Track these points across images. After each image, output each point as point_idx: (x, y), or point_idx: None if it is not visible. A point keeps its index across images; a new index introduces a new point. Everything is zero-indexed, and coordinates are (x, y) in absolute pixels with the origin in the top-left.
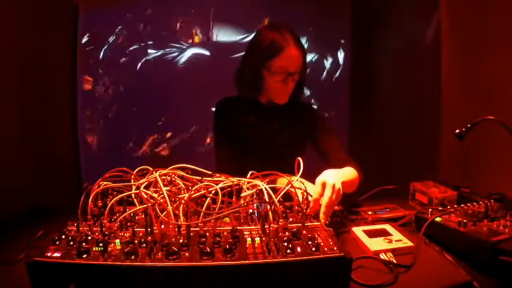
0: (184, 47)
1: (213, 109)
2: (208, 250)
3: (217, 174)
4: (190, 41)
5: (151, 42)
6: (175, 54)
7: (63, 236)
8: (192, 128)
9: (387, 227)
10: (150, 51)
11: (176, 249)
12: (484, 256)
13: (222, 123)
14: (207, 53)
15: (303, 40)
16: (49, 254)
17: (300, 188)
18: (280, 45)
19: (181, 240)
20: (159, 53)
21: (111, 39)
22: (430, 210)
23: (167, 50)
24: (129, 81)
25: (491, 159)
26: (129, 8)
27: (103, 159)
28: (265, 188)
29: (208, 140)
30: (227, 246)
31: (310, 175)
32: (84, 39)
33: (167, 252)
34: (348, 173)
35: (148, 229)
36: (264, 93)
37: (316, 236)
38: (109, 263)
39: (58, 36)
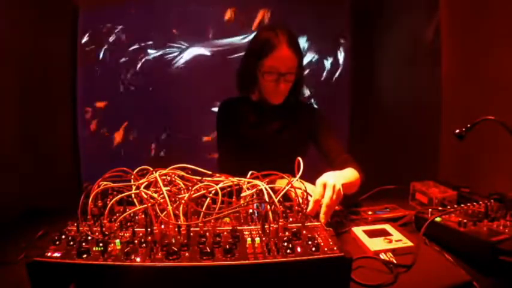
0: (184, 46)
1: (215, 109)
2: (208, 250)
3: (217, 174)
4: (190, 40)
5: (151, 42)
6: (176, 54)
7: (63, 236)
8: (193, 128)
9: (387, 227)
10: (150, 51)
11: (176, 249)
12: (484, 256)
13: (225, 123)
14: (207, 53)
15: (303, 40)
16: (49, 254)
17: (300, 188)
18: (271, 45)
19: (181, 240)
20: (159, 53)
21: (111, 39)
22: (430, 210)
23: (167, 49)
24: (129, 81)
25: (491, 159)
26: (129, 8)
27: (103, 159)
28: (265, 188)
29: (209, 140)
30: (227, 246)
31: (311, 175)
32: (84, 39)
33: (167, 252)
34: (349, 174)
35: (148, 229)
36: (258, 92)
37: (316, 236)
38: (109, 263)
39: (58, 36)
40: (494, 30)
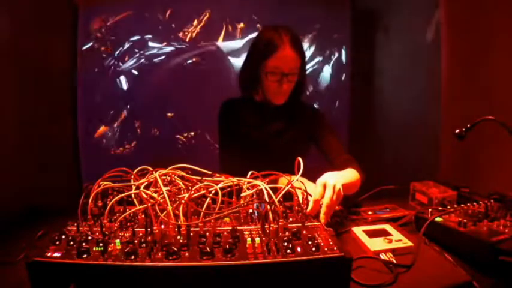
0: (186, 46)
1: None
2: (208, 250)
3: (217, 174)
4: (191, 40)
5: (151, 39)
6: (177, 53)
7: (63, 236)
8: (194, 127)
9: (387, 227)
10: (150, 48)
11: (176, 249)
12: (484, 256)
13: (226, 124)
14: (208, 53)
15: (303, 41)
16: (49, 254)
17: (300, 188)
18: (274, 45)
19: (181, 240)
20: (160, 52)
21: (111, 36)
22: (430, 210)
23: (169, 49)
24: (129, 80)
25: (491, 159)
26: (130, 7)
27: (103, 159)
28: (265, 188)
29: (209, 140)
30: (227, 246)
31: (311, 176)
32: (84, 39)
33: (167, 252)
34: (349, 175)
35: (148, 229)
36: (261, 93)
37: (316, 236)
38: (109, 263)
39: (58, 36)
40: (494, 30)
